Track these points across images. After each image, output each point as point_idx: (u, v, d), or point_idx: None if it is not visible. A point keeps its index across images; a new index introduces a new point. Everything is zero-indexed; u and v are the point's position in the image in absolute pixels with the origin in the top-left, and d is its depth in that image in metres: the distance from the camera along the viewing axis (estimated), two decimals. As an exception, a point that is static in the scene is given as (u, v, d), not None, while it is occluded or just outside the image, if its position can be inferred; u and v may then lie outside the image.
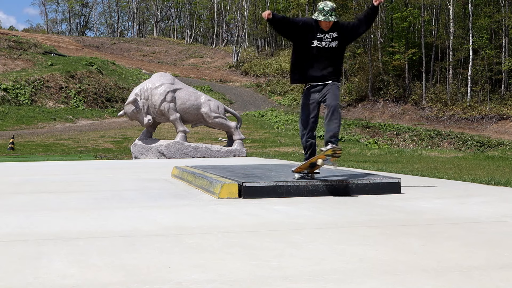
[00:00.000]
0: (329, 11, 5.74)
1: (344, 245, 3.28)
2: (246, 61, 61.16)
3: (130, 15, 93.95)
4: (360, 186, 5.82)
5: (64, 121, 34.25)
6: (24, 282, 2.50)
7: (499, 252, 3.06)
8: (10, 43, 46.14)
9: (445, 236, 3.56)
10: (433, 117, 41.81)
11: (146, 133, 15.86)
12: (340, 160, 13.05)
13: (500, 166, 11.10)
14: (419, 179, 7.61)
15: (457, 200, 5.31)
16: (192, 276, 2.58)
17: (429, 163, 11.93)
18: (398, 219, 4.25)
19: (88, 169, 10.51)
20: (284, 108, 44.69)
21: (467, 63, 44.11)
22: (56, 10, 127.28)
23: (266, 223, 4.10)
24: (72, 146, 22.46)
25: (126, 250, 3.16)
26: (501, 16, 43.48)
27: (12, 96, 35.64)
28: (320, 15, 5.75)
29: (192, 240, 3.46)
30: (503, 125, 38.66)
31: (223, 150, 15.80)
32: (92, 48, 65.28)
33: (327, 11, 5.72)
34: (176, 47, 72.65)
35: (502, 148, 25.03)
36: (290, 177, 6.19)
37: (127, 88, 41.48)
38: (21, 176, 8.90)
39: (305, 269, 2.68)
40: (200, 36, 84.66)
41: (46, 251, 3.15)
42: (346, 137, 29.96)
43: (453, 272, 2.62)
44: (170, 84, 15.59)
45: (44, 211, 4.78)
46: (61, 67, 41.30)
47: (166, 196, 5.91)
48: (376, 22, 51.37)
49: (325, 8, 5.72)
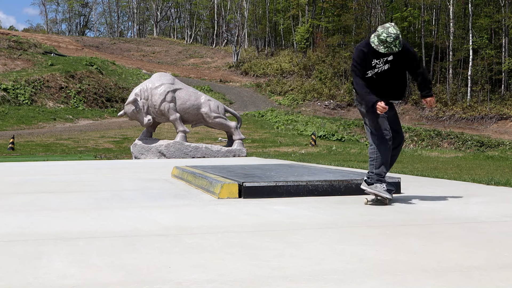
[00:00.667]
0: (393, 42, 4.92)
1: (344, 245, 3.27)
2: (246, 61, 61.16)
3: (130, 15, 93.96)
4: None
5: (64, 121, 34.25)
6: (24, 282, 2.50)
7: (499, 252, 3.06)
8: (10, 43, 46.14)
9: (445, 236, 3.56)
10: (433, 117, 41.82)
11: (146, 133, 15.87)
12: (340, 160, 13.05)
13: (500, 166, 11.10)
14: (419, 179, 7.61)
15: (457, 200, 5.31)
16: (192, 276, 2.58)
17: (429, 163, 11.93)
18: (398, 219, 4.25)
19: (88, 169, 10.52)
20: (284, 108, 44.70)
21: (467, 63, 44.12)
22: (56, 10, 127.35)
23: (266, 223, 4.10)
24: (72, 146, 22.46)
25: (126, 250, 3.16)
26: (501, 16, 43.48)
27: (12, 96, 35.64)
28: (382, 46, 4.93)
29: (192, 240, 3.46)
30: (503, 125, 38.67)
31: (223, 150, 15.80)
32: (92, 48, 65.28)
33: (390, 42, 4.89)
34: (176, 47, 72.65)
35: (502, 148, 25.03)
36: (290, 177, 6.19)
37: (127, 88, 41.49)
38: (21, 176, 8.90)
39: (305, 269, 2.68)
40: (200, 36, 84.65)
41: (46, 251, 3.15)
42: (346, 137, 29.97)
43: (453, 272, 2.62)
44: (170, 84, 15.60)
45: (44, 211, 4.78)
46: (61, 67, 41.29)
47: (166, 196, 5.91)
48: (376, 22, 51.40)
49: (388, 39, 4.88)
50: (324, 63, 52.59)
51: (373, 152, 5.07)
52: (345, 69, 50.46)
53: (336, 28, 56.54)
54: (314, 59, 53.75)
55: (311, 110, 45.33)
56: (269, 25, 64.65)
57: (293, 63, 56.62)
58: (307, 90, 49.67)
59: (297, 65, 55.36)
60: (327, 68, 51.65)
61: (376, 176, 5.05)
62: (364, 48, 5.02)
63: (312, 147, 22.07)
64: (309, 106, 47.26)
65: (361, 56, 5.01)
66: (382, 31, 4.92)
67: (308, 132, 29.26)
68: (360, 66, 5.01)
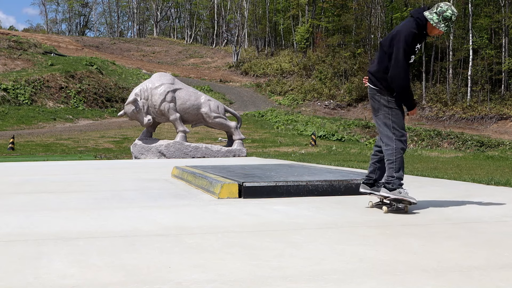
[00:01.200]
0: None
1: (344, 245, 3.27)
2: (246, 61, 61.16)
3: (130, 15, 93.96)
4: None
5: (64, 121, 34.25)
6: (24, 282, 2.50)
7: (499, 252, 3.06)
8: (10, 43, 46.13)
9: (445, 236, 3.56)
10: (433, 117, 41.81)
11: (146, 133, 15.87)
12: (340, 160, 13.05)
13: (500, 166, 11.10)
14: (419, 179, 7.60)
15: (457, 200, 5.31)
16: (192, 276, 2.58)
17: (429, 163, 11.92)
18: (398, 219, 4.25)
19: (88, 169, 10.51)
20: (284, 108, 44.70)
21: (467, 63, 44.12)
22: (56, 10, 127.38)
23: (266, 223, 4.10)
24: (72, 146, 22.46)
25: (126, 250, 3.16)
26: (501, 16, 43.47)
27: (12, 96, 35.64)
28: (443, 24, 4.55)
29: (192, 240, 3.46)
30: (503, 125, 38.66)
31: (223, 150, 15.80)
32: (92, 48, 65.28)
33: (453, 21, 4.60)
34: (176, 47, 72.66)
35: (502, 148, 25.02)
36: (290, 177, 6.19)
37: (127, 88, 41.49)
38: (21, 176, 8.90)
39: (305, 269, 2.68)
40: (200, 36, 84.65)
41: (46, 251, 3.15)
42: (346, 137, 29.97)
43: (453, 272, 2.62)
44: (170, 84, 15.60)
45: (44, 211, 4.78)
46: (61, 67, 41.29)
47: (166, 196, 5.91)
48: (376, 22, 51.42)
49: (453, 17, 4.56)
50: (324, 63, 52.59)
51: (392, 154, 4.56)
52: (345, 69, 50.49)
53: (336, 28, 56.55)
54: (314, 59, 53.76)
55: (311, 110, 45.34)
56: (269, 25, 64.66)
57: (293, 63, 56.62)
58: (307, 90, 49.68)
59: (297, 65, 55.36)
60: (327, 68, 51.66)
61: (397, 180, 4.56)
62: (415, 30, 4.53)
63: (312, 147, 22.07)
64: (309, 106, 47.27)
65: (415, 38, 4.54)
66: (447, 8, 4.53)
67: (308, 132, 29.26)
68: (409, 50, 4.53)
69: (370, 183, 4.88)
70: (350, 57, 50.96)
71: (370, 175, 4.89)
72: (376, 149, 4.86)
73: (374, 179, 4.86)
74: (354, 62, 50.84)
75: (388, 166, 4.61)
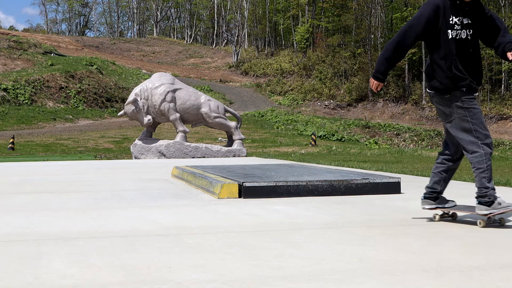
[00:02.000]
0: None
1: (344, 245, 3.27)
2: (246, 61, 61.17)
3: (130, 15, 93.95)
4: (360, 186, 5.83)
5: (64, 121, 34.25)
6: (24, 282, 2.50)
7: (499, 252, 3.06)
8: (10, 43, 46.14)
9: (445, 236, 3.57)
10: (433, 117, 41.81)
11: (146, 133, 15.87)
12: (340, 160, 13.05)
13: (500, 166, 11.09)
14: (419, 179, 7.60)
15: (457, 200, 5.31)
16: (192, 276, 2.58)
17: (429, 163, 11.92)
18: (398, 219, 4.25)
19: (88, 169, 10.52)
20: (284, 108, 44.70)
21: (467, 63, 44.09)
22: (56, 10, 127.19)
23: (266, 223, 4.10)
24: (72, 146, 22.46)
25: (126, 250, 3.16)
26: (501, 16, 43.48)
27: (12, 96, 35.64)
28: None
29: (192, 240, 3.46)
30: (503, 125, 38.67)
31: (223, 150, 15.80)
32: (92, 48, 65.29)
33: None
34: (176, 47, 72.66)
35: (502, 148, 25.02)
36: (290, 177, 6.19)
37: (127, 88, 41.49)
38: (21, 176, 8.90)
39: (305, 269, 2.68)
40: (200, 36, 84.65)
41: (46, 251, 3.15)
42: (346, 137, 29.97)
43: (453, 272, 2.62)
44: (170, 84, 15.60)
45: (44, 211, 4.78)
46: (61, 67, 41.29)
47: (166, 196, 5.91)
48: (376, 22, 51.42)
49: None
50: (324, 63, 52.60)
51: (482, 161, 3.90)
52: (345, 69, 50.49)
53: (336, 28, 56.55)
54: (314, 59, 53.76)
55: (311, 110, 45.34)
56: (269, 25, 64.65)
57: (293, 63, 56.62)
58: (307, 90, 49.68)
59: (297, 65, 55.36)
60: (327, 68, 51.66)
61: (492, 191, 3.92)
62: (439, 1, 3.90)
63: (312, 147, 22.07)
64: (309, 106, 47.27)
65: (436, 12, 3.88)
66: None
67: (308, 132, 29.26)
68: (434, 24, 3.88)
69: (434, 196, 4.23)
70: (350, 57, 50.96)
71: (434, 186, 4.24)
72: (444, 157, 4.21)
73: (439, 191, 4.26)
74: (354, 62, 50.85)
75: (479, 175, 3.98)
